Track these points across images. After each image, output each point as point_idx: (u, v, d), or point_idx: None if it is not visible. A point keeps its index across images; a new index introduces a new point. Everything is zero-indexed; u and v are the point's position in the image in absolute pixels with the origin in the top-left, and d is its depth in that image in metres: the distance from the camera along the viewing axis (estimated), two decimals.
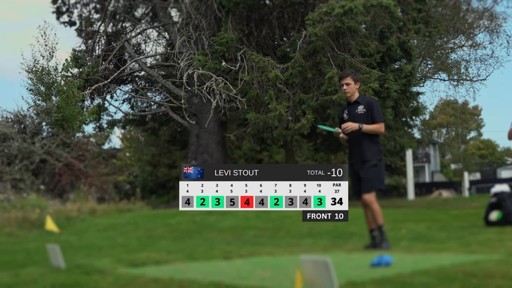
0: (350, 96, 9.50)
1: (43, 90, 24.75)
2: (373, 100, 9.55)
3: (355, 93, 9.50)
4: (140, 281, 5.92)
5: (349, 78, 9.44)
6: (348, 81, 9.42)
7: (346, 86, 9.45)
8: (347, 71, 9.94)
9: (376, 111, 9.29)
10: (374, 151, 9.23)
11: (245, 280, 5.93)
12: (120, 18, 32.06)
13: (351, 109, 9.45)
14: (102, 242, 11.54)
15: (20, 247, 10.50)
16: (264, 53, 26.01)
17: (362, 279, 5.63)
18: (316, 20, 22.84)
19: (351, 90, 9.45)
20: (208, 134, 27.47)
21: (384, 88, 23.20)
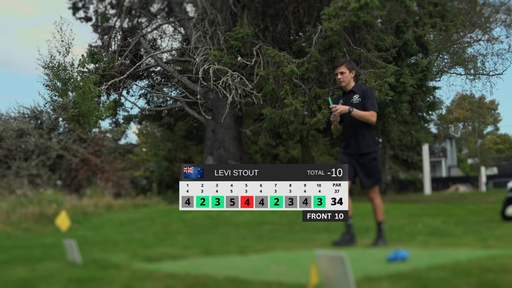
0: (345, 85, 9.27)
1: (60, 86, 24.82)
2: (368, 89, 9.34)
3: (350, 82, 9.27)
4: (156, 276, 5.93)
5: (343, 66, 9.23)
6: (342, 70, 9.21)
7: (340, 75, 9.24)
8: (340, 60, 9.65)
9: (370, 100, 9.07)
10: (371, 143, 9.04)
11: (260, 275, 5.93)
12: (136, 13, 32.11)
13: (347, 99, 9.22)
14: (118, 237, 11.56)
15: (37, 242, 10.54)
16: (280, 48, 25.99)
17: (378, 274, 5.62)
18: (331, 14, 22.80)
19: (345, 79, 9.22)
20: (224, 129, 27.49)
21: (400, 82, 23.14)
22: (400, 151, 48.02)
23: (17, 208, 15.91)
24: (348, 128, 9.14)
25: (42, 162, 21.38)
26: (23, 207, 16.06)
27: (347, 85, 9.24)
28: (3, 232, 13.25)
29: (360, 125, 9.00)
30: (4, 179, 20.26)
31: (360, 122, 8.97)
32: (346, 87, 9.25)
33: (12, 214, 15.31)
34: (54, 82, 24.81)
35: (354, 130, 9.04)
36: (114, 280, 5.75)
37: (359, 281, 5.15)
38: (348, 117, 9.02)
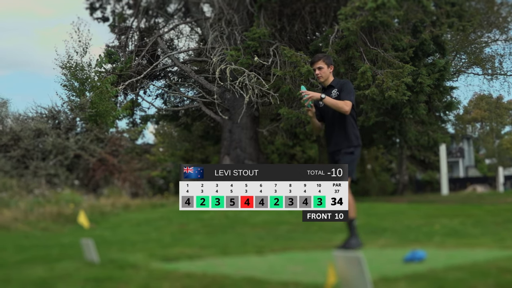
0: (323, 80, 8.84)
1: (77, 86, 24.90)
2: (346, 81, 8.93)
3: (329, 78, 8.82)
4: (173, 276, 5.94)
5: (321, 61, 8.79)
6: (320, 65, 8.77)
7: (318, 71, 8.79)
8: (318, 55, 9.27)
9: (345, 91, 8.63)
10: (353, 138, 8.59)
11: (277, 275, 5.94)
12: (153, 13, 32.17)
13: (326, 94, 8.67)
14: (135, 237, 11.60)
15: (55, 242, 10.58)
16: (297, 48, 25.99)
17: (395, 275, 5.62)
18: (348, 14, 22.79)
19: (324, 74, 8.78)
20: (241, 129, 27.51)
21: (417, 82, 23.09)
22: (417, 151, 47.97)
23: (35, 208, 15.97)
24: (328, 125, 8.85)
25: (59, 162, 21.45)
26: (41, 207, 16.11)
27: (326, 80, 8.84)
28: (21, 232, 13.31)
29: (342, 120, 8.62)
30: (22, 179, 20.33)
31: (341, 118, 8.60)
32: (325, 82, 8.86)
33: (30, 214, 15.37)
34: (72, 82, 24.89)
35: (335, 126, 8.71)
36: (132, 279, 5.78)
37: (376, 282, 5.16)
38: (330, 113, 8.71)
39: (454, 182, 54.95)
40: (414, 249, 7.09)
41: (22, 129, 22.34)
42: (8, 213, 15.02)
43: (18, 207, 15.95)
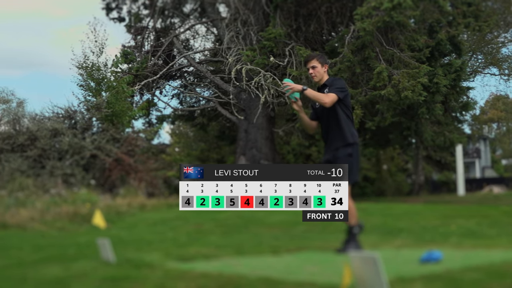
0: (318, 80, 8.61)
1: (93, 86, 24.96)
2: (337, 78, 8.78)
3: (323, 77, 8.59)
4: (189, 275, 5.95)
5: (315, 60, 8.57)
6: (313, 64, 8.55)
7: (312, 70, 8.58)
8: (311, 54, 9.03)
9: (333, 86, 8.42)
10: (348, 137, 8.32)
11: (293, 275, 5.94)
12: (169, 14, 32.24)
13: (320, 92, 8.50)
14: (151, 237, 11.62)
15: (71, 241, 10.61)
16: (313, 48, 25.98)
17: (411, 275, 5.61)
18: (364, 14, 22.77)
19: (318, 73, 8.55)
20: (257, 130, 27.52)
21: (433, 83, 23.04)
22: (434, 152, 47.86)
23: (51, 208, 16.02)
24: (324, 127, 8.66)
25: (76, 161, 21.51)
26: (58, 207, 16.16)
27: (321, 80, 8.61)
28: (38, 231, 13.36)
29: (335, 119, 8.42)
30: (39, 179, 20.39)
31: (334, 117, 8.41)
32: (320, 82, 8.63)
33: (46, 213, 15.41)
34: (88, 82, 24.96)
35: (330, 124, 8.52)
36: (148, 279, 5.79)
37: (392, 282, 5.15)
38: (325, 114, 8.55)
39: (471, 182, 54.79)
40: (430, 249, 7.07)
41: (39, 129, 22.42)
42: (25, 213, 15.08)
43: (34, 206, 16.01)
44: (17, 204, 16.56)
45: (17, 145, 22.21)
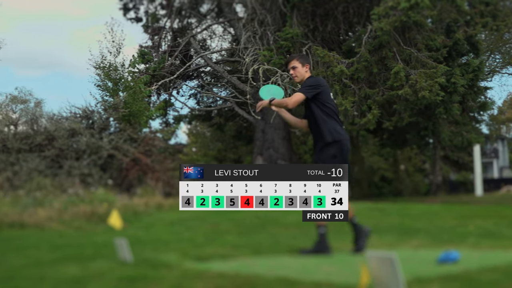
0: (299, 80, 8.52)
1: (111, 86, 25.02)
2: (311, 77, 8.54)
3: (305, 77, 8.48)
4: (206, 275, 5.96)
5: (295, 61, 8.49)
6: (294, 65, 8.47)
7: (292, 71, 8.52)
8: (292, 55, 9.02)
9: (303, 85, 8.37)
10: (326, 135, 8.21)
11: (310, 275, 5.94)
12: (186, 14, 32.28)
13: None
14: (168, 237, 11.64)
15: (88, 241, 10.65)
16: (329, 48, 25.95)
17: (428, 276, 5.60)
18: (381, 14, 22.73)
19: (299, 74, 8.46)
20: (274, 129, 27.52)
21: (451, 83, 22.97)
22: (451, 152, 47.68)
23: (69, 207, 16.08)
24: (308, 122, 8.57)
25: (93, 161, 21.56)
26: (75, 206, 16.21)
27: (302, 80, 8.50)
28: (56, 231, 13.41)
29: (313, 117, 8.34)
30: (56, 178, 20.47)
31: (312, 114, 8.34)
32: (301, 82, 8.52)
33: (64, 213, 15.48)
34: (105, 82, 25.03)
35: (310, 123, 8.47)
36: (165, 279, 5.80)
37: (409, 283, 5.14)
38: (305, 111, 8.50)
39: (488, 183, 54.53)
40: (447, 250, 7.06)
41: (56, 129, 22.49)
42: (43, 212, 15.15)
43: (52, 206, 16.08)
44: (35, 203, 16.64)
45: (35, 145, 22.29)
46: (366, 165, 40.28)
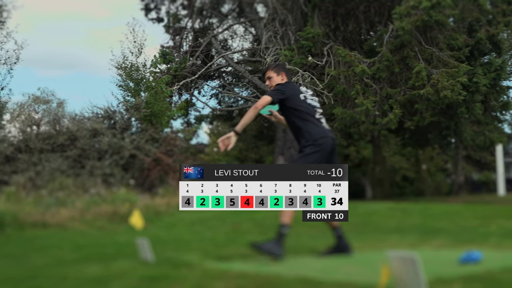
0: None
1: (132, 86, 25.10)
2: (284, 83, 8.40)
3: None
4: (227, 275, 5.97)
5: (270, 71, 8.49)
6: (269, 75, 8.46)
7: (268, 81, 8.54)
8: (268, 65, 9.01)
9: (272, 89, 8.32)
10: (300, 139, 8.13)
11: (331, 275, 5.94)
12: (207, 14, 32.30)
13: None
14: (190, 236, 11.67)
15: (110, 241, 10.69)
16: (351, 47, 25.90)
17: (450, 276, 5.58)
18: (403, 14, 22.67)
19: (274, 83, 8.41)
20: None
21: (473, 82, 22.87)
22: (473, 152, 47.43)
23: (91, 207, 16.15)
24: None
25: (115, 161, 21.65)
26: (97, 206, 16.29)
27: None
28: (78, 231, 13.48)
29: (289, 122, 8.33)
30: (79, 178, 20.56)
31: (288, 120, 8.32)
32: None
33: (86, 213, 15.55)
34: (127, 83, 25.10)
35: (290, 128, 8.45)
36: (186, 279, 5.82)
37: (431, 283, 5.12)
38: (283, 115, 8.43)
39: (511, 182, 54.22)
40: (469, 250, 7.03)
41: (79, 129, 22.61)
42: (65, 212, 15.23)
43: (74, 206, 16.16)
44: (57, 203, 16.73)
45: (57, 145, 22.41)
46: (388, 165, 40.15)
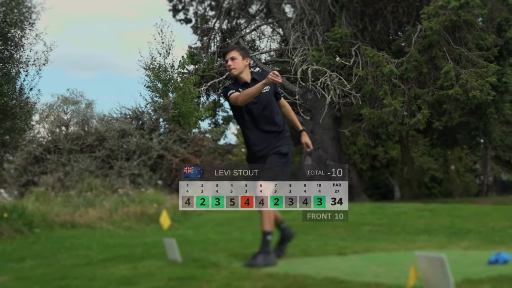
0: (237, 73, 7.67)
1: (160, 87, 25.22)
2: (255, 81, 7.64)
3: (244, 71, 7.69)
4: (255, 275, 5.97)
5: (235, 51, 7.66)
6: (233, 55, 7.63)
7: (231, 62, 7.64)
8: (232, 45, 8.37)
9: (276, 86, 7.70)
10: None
11: (359, 276, 5.92)
12: (235, 14, 32.34)
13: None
14: (217, 237, 11.68)
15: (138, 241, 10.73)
16: (379, 48, 25.84)
17: (479, 277, 5.54)
18: (431, 14, 22.58)
19: (238, 66, 7.62)
20: (323, 130, 27.46)
21: (502, 82, 22.74)
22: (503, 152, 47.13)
23: (119, 207, 16.23)
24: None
25: (143, 162, 21.75)
26: (125, 206, 16.36)
27: (242, 73, 7.68)
28: (106, 231, 13.54)
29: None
30: (107, 179, 20.68)
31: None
32: (241, 76, 7.69)
33: (114, 213, 15.63)
34: (155, 83, 25.22)
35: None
36: (214, 279, 5.83)
37: (459, 284, 5.10)
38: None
39: None
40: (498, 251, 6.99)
41: (107, 130, 22.74)
42: (93, 212, 15.31)
43: (103, 206, 16.24)
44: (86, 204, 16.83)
45: (86, 145, 22.56)
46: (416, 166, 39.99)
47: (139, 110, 24.43)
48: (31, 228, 12.85)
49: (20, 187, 22.29)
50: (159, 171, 21.92)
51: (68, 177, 21.25)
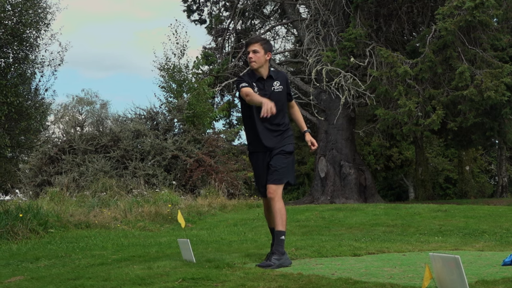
0: (257, 67, 7.56)
1: (175, 87, 25.27)
2: (286, 75, 7.92)
3: (264, 66, 7.62)
4: (269, 276, 5.99)
5: (258, 44, 7.55)
6: (255, 48, 7.53)
7: (252, 54, 7.52)
8: (255, 37, 8.21)
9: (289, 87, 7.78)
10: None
11: (373, 276, 5.92)
12: (249, 15, 32.37)
13: (266, 86, 7.56)
14: (232, 237, 11.70)
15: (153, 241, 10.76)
16: (393, 48, 25.82)
17: (493, 278, 5.54)
18: (446, 14, 22.52)
19: (258, 60, 7.53)
20: (337, 130, 27.44)
21: None
22: None
23: (133, 208, 16.29)
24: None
25: (157, 162, 21.80)
26: (140, 207, 16.42)
27: (261, 68, 7.59)
28: (121, 231, 13.58)
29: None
30: (122, 179, 20.74)
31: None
32: (260, 70, 7.60)
33: (129, 213, 15.69)
34: (170, 84, 25.28)
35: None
36: (228, 279, 5.84)
37: (473, 285, 5.10)
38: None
39: None
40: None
41: (122, 130, 22.80)
42: (108, 213, 15.38)
43: (117, 206, 16.31)
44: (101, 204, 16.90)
45: (101, 146, 22.63)
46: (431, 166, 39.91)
47: (154, 110, 24.48)
48: (46, 228, 12.90)
49: (35, 187, 22.39)
50: (173, 172, 21.96)
51: (83, 177, 21.32)
